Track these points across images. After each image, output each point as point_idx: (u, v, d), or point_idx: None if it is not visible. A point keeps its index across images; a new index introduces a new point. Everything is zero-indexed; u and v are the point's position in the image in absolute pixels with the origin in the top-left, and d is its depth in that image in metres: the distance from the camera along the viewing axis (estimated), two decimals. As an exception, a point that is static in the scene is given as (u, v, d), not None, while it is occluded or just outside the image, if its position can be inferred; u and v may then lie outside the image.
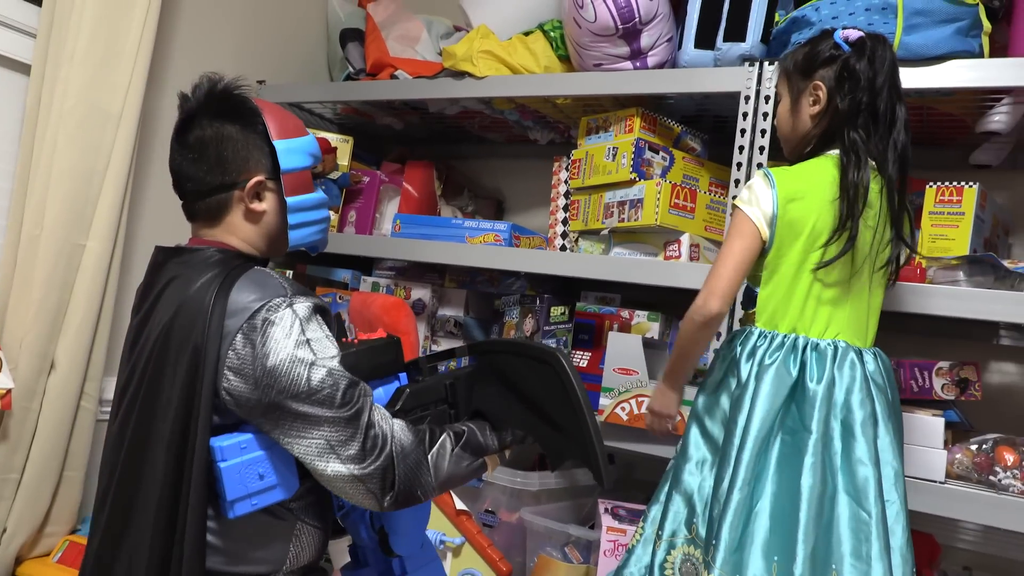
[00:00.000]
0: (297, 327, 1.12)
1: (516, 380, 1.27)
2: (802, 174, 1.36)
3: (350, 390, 1.13)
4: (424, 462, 1.17)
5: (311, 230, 1.31)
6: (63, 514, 1.86)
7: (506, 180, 2.66)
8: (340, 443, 1.11)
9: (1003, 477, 1.46)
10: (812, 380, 1.30)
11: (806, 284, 1.34)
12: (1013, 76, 1.47)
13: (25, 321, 1.75)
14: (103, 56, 1.81)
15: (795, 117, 1.42)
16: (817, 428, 1.28)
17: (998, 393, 1.90)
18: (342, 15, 2.52)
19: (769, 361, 1.32)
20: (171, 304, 1.16)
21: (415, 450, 1.17)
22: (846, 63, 1.34)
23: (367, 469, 1.12)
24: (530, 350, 1.26)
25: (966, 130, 1.78)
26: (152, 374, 1.15)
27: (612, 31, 1.81)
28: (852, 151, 1.32)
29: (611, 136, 1.93)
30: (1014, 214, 1.89)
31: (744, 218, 1.35)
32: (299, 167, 1.27)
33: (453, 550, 1.77)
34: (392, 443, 1.15)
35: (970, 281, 1.51)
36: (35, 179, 1.75)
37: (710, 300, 1.34)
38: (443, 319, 2.28)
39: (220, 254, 1.22)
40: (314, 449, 1.11)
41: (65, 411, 1.81)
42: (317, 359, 1.12)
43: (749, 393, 1.31)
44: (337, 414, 1.11)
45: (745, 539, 1.25)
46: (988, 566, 1.84)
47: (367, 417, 1.14)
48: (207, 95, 1.25)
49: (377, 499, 1.14)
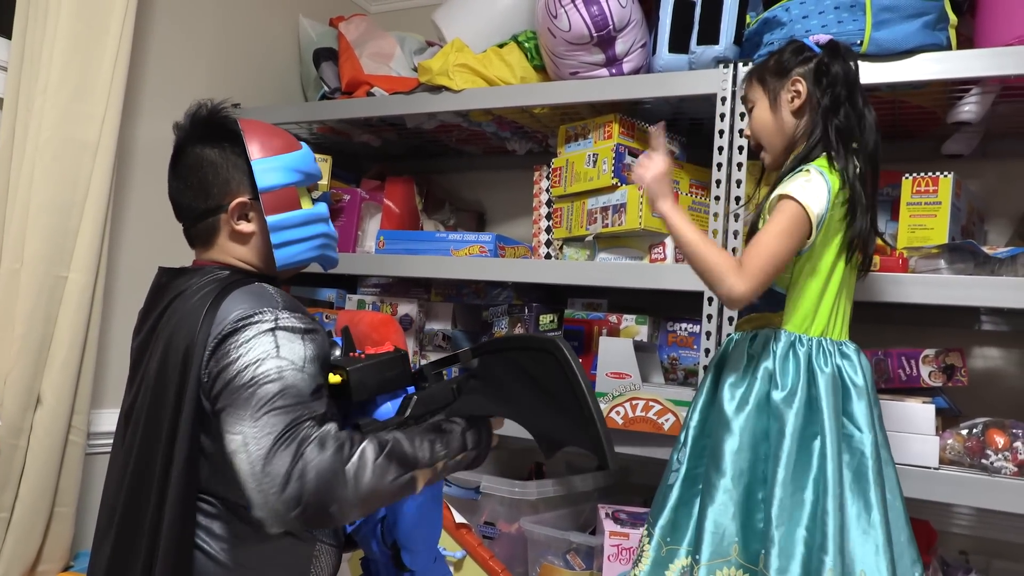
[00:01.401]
0: (271, 337, 1.10)
1: (519, 375, 1.23)
2: (830, 171, 1.33)
3: (293, 396, 1.06)
4: (341, 472, 1.03)
5: (301, 248, 1.27)
6: (56, 551, 1.82)
7: (486, 192, 2.67)
8: (255, 439, 1.03)
9: (995, 460, 1.49)
10: (855, 382, 1.32)
11: (836, 285, 1.34)
12: (981, 67, 1.50)
13: (9, 356, 1.72)
14: (77, 87, 1.79)
15: (776, 116, 1.42)
16: (869, 429, 1.29)
17: (983, 378, 1.94)
18: (314, 35, 2.52)
19: (823, 367, 1.31)
20: (172, 322, 1.17)
21: (331, 458, 1.03)
22: (821, 61, 1.37)
23: (268, 475, 1.01)
24: (531, 342, 1.23)
25: (937, 121, 1.82)
26: (153, 396, 1.14)
27: (587, 39, 1.83)
28: (837, 142, 1.34)
29: (590, 143, 1.94)
30: (988, 201, 1.94)
31: (804, 219, 1.28)
32: (278, 185, 1.24)
33: (455, 564, 1.76)
34: (307, 450, 1.03)
35: (951, 268, 1.54)
36: (12, 213, 1.73)
37: (741, 285, 1.25)
38: (431, 333, 2.28)
39: (222, 271, 1.22)
40: (235, 443, 1.05)
41: (53, 446, 1.78)
42: (280, 356, 1.09)
43: (802, 400, 1.29)
44: (268, 409, 1.05)
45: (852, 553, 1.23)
46: (984, 549, 1.86)
47: (297, 429, 1.05)
48: (191, 121, 1.26)
49: (278, 514, 1.01)
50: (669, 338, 2.00)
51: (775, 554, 1.22)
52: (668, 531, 1.36)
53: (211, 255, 1.27)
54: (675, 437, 1.65)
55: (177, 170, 1.27)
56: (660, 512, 1.39)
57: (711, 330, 1.68)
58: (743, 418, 1.31)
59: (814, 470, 1.25)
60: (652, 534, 1.38)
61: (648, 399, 1.69)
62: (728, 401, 1.33)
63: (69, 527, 1.84)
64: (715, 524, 1.28)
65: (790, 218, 1.28)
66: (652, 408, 1.69)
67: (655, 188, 1.38)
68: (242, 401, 1.06)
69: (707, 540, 1.27)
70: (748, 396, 1.33)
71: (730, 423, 1.31)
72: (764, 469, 1.30)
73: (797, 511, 1.24)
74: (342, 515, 1.04)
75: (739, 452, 1.30)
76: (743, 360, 1.36)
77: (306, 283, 2.45)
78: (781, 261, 1.28)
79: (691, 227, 1.33)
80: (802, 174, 1.32)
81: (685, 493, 1.38)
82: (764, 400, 1.32)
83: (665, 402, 1.68)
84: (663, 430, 1.67)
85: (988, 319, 1.93)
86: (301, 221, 1.26)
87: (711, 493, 1.29)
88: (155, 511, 1.10)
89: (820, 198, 1.29)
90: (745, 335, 1.40)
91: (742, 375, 1.35)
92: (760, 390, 1.32)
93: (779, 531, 1.23)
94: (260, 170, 1.23)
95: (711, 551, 1.27)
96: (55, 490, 1.80)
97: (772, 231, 1.29)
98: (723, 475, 1.29)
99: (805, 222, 1.28)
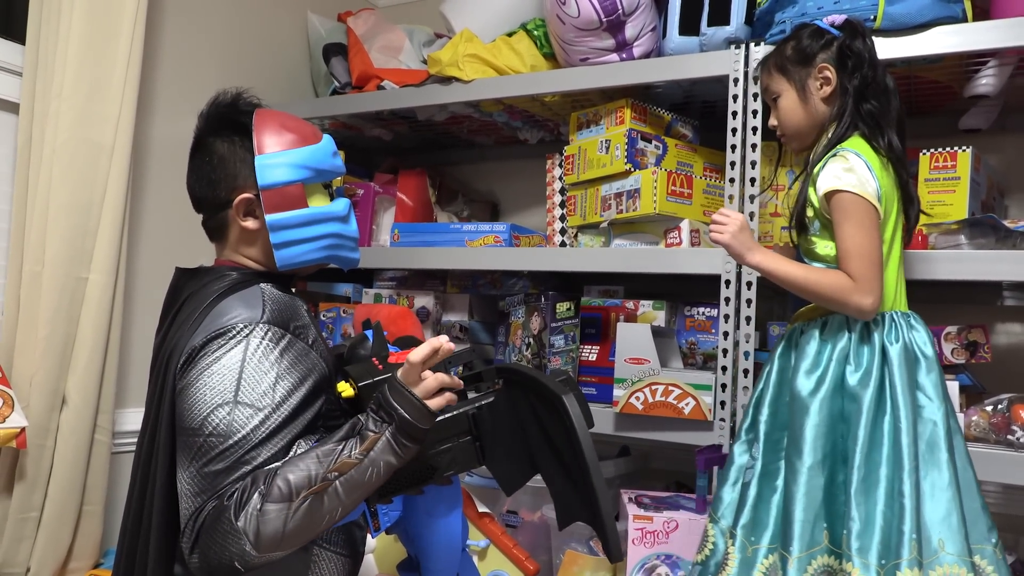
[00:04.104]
0: (237, 364, 1.07)
1: (536, 415, 1.17)
2: (865, 149, 1.33)
3: (234, 452, 1.04)
4: (233, 533, 0.99)
5: (303, 248, 1.22)
6: (85, 549, 1.85)
7: (499, 182, 2.67)
8: (186, 496, 1.05)
9: (1021, 436, 1.47)
10: (926, 353, 1.32)
11: (896, 257, 1.35)
12: (998, 38, 1.48)
13: (34, 358, 1.74)
14: (91, 89, 1.80)
15: (806, 105, 1.41)
16: (940, 399, 1.31)
17: (1006, 354, 1.92)
18: (323, 31, 2.52)
19: (893, 341, 1.31)
20: (180, 325, 1.17)
21: (219, 517, 1.01)
22: (843, 44, 1.36)
23: (184, 534, 1.04)
24: (542, 388, 1.13)
25: (953, 96, 1.80)
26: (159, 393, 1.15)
27: (596, 24, 1.82)
28: (873, 123, 1.34)
29: (603, 129, 1.93)
30: (1007, 175, 1.91)
31: (867, 206, 1.29)
32: (280, 182, 1.19)
33: (479, 553, 1.77)
34: (208, 520, 1.02)
35: (972, 244, 1.52)
36: (32, 216, 1.75)
37: (866, 299, 1.27)
38: (448, 325, 2.29)
39: (233, 272, 1.22)
40: (178, 485, 1.07)
41: (80, 446, 1.80)
42: (237, 400, 1.06)
43: (876, 379, 1.29)
44: (204, 463, 1.04)
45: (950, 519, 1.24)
46: (1012, 527, 1.84)
47: (222, 491, 1.03)
48: (208, 113, 1.25)
49: (197, 567, 1.03)
50: (687, 323, 1.99)
51: (855, 533, 1.23)
52: (750, 530, 1.35)
53: (226, 254, 1.27)
54: (696, 421, 1.66)
55: (193, 161, 1.26)
56: (740, 511, 1.37)
57: (729, 313, 1.67)
58: (819, 401, 1.32)
59: (886, 446, 1.26)
60: (734, 535, 1.36)
61: (668, 384, 1.69)
62: (804, 387, 1.33)
63: (98, 525, 1.87)
64: (804, 513, 1.27)
65: (857, 213, 1.29)
66: (672, 392, 1.68)
67: (737, 245, 1.38)
68: (187, 444, 1.07)
69: (798, 532, 1.27)
70: (824, 379, 1.33)
71: (808, 408, 1.31)
72: (844, 449, 1.30)
73: (874, 489, 1.25)
74: (251, 566, 1.01)
75: (820, 437, 1.30)
76: (815, 346, 1.36)
77: (322, 278, 2.46)
78: (878, 255, 1.29)
79: (789, 265, 1.35)
80: (838, 159, 1.32)
81: (764, 489, 1.37)
82: (839, 382, 1.33)
83: (685, 386, 1.68)
84: (684, 414, 1.67)
85: (1011, 294, 1.91)
86: (304, 221, 1.21)
87: (796, 480, 1.29)
88: (148, 515, 1.13)
89: (867, 179, 1.29)
90: (813, 323, 1.39)
91: (815, 361, 1.35)
92: (836, 372, 1.33)
93: (858, 510, 1.24)
94: (262, 166, 1.19)
95: (804, 542, 1.27)
96: (83, 489, 1.83)
97: (851, 234, 1.29)
98: (806, 462, 1.29)
99: (870, 208, 1.29)
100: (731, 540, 1.37)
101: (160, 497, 1.11)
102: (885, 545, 1.22)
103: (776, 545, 1.32)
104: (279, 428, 1.07)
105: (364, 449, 1.04)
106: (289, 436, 1.08)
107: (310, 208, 1.22)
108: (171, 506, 1.10)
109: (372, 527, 1.22)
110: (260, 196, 1.20)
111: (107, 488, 1.88)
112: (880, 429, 1.28)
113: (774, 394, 1.41)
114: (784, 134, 1.48)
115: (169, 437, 1.11)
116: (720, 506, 1.42)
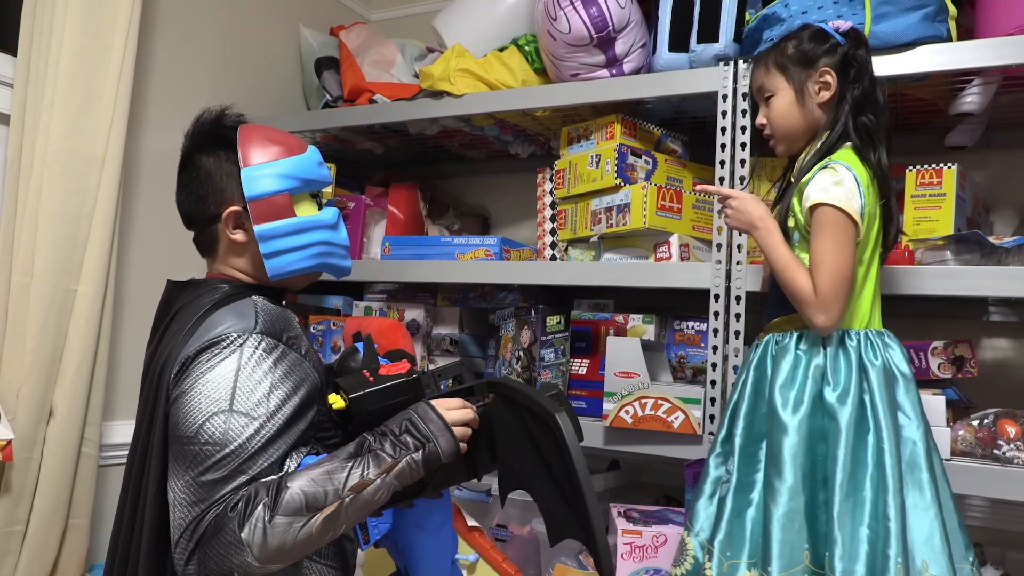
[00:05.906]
0: (232, 373, 1.07)
1: (527, 430, 1.17)
2: (856, 164, 1.32)
3: (231, 460, 1.03)
4: (237, 544, 0.99)
5: (294, 257, 1.23)
6: (71, 563, 1.83)
7: (490, 196, 2.68)
8: (180, 505, 1.03)
9: (1007, 450, 1.48)
10: (903, 372, 1.32)
11: (874, 275, 1.35)
12: (982, 57, 1.50)
13: (21, 370, 1.73)
14: (83, 101, 1.80)
15: (802, 108, 1.40)
16: (918, 417, 1.31)
17: (992, 369, 1.93)
18: (315, 44, 2.53)
19: (873, 360, 1.30)
20: (170, 338, 1.17)
21: (221, 528, 1.00)
22: (848, 52, 1.36)
23: (178, 546, 1.02)
24: (534, 403, 1.13)
25: (939, 113, 1.82)
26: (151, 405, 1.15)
27: (587, 41, 1.83)
28: (867, 136, 1.34)
29: (593, 144, 1.95)
30: (992, 192, 1.93)
31: (848, 224, 1.27)
32: (267, 192, 1.21)
33: (468, 567, 1.76)
34: (208, 531, 1.01)
35: (958, 259, 1.54)
36: (22, 227, 1.75)
37: (821, 316, 1.27)
38: (439, 338, 2.29)
39: (225, 284, 1.22)
40: (170, 496, 1.05)
41: (67, 459, 1.78)
42: (232, 409, 1.06)
43: (855, 397, 1.28)
44: (200, 472, 1.03)
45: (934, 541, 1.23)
46: (999, 541, 1.85)
47: (219, 501, 1.02)
48: (193, 131, 1.26)
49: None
50: (676, 336, 2.00)
51: (839, 555, 1.21)
52: (726, 545, 1.33)
53: (216, 267, 1.28)
54: (685, 435, 1.66)
55: (181, 179, 1.28)
56: (716, 526, 1.35)
57: (718, 327, 1.68)
58: (799, 420, 1.30)
59: (870, 467, 1.25)
60: (711, 550, 1.34)
61: (657, 397, 1.69)
62: (781, 404, 1.31)
63: (84, 539, 1.85)
64: (784, 533, 1.25)
65: (835, 228, 1.27)
66: (661, 406, 1.69)
67: (751, 206, 1.37)
68: (182, 453, 1.06)
69: (777, 551, 1.25)
70: (801, 396, 1.31)
71: (787, 427, 1.29)
72: (823, 470, 1.28)
73: (858, 510, 1.23)
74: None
75: (799, 456, 1.28)
76: (790, 359, 1.34)
77: (312, 291, 2.46)
78: (848, 273, 1.28)
79: (783, 247, 1.34)
80: (828, 171, 1.30)
81: (738, 503, 1.35)
82: (817, 399, 1.30)
83: (674, 400, 1.68)
84: (673, 428, 1.68)
85: (996, 310, 1.93)
86: (293, 230, 1.22)
87: (776, 500, 1.27)
88: (139, 527, 1.12)
89: (854, 195, 1.28)
90: (789, 335, 1.38)
91: (791, 376, 1.33)
92: (812, 389, 1.31)
93: (842, 532, 1.22)
94: (248, 177, 1.20)
95: (784, 562, 1.25)
96: (69, 502, 1.81)
97: (826, 248, 1.28)
98: (786, 481, 1.27)
99: (851, 226, 1.28)
100: (707, 556, 1.35)
101: (152, 508, 1.11)
102: (870, 569, 1.20)
103: (755, 560, 1.30)
104: (274, 438, 1.07)
105: (382, 472, 1.06)
106: (284, 447, 1.09)
107: (298, 217, 1.23)
108: (164, 518, 1.09)
109: (362, 540, 1.21)
110: (248, 208, 1.21)
111: (94, 501, 1.86)
112: (863, 450, 1.26)
113: (749, 406, 1.39)
114: (773, 135, 1.46)
115: (162, 449, 1.11)
116: (697, 520, 1.40)
